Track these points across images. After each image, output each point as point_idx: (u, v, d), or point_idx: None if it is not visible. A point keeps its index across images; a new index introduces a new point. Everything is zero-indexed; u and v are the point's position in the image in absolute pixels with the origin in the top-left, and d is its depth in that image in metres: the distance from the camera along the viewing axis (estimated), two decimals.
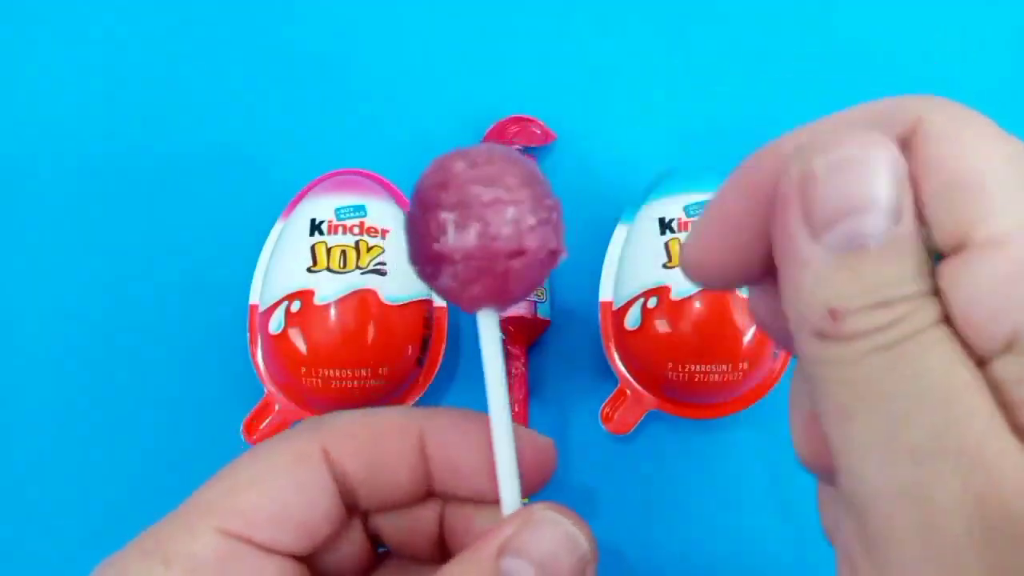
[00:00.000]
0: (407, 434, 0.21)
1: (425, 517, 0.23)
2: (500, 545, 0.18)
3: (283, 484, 0.20)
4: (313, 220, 0.36)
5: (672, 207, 0.36)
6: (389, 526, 0.23)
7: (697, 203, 0.36)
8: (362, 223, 0.36)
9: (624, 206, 0.38)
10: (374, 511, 0.22)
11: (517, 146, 0.40)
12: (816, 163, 0.14)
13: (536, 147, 0.41)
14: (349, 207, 0.36)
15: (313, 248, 0.35)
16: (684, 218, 0.36)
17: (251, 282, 0.36)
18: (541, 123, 0.40)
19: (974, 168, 0.14)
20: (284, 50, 0.43)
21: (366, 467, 0.21)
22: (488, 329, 0.20)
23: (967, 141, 0.15)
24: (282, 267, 0.35)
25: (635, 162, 0.42)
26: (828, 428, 0.14)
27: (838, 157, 0.14)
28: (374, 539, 0.23)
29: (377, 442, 0.21)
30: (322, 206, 0.36)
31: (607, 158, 0.42)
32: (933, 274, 0.14)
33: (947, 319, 0.14)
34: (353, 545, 0.22)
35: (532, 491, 0.22)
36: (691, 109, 0.42)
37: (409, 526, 0.23)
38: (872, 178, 0.14)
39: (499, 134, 0.40)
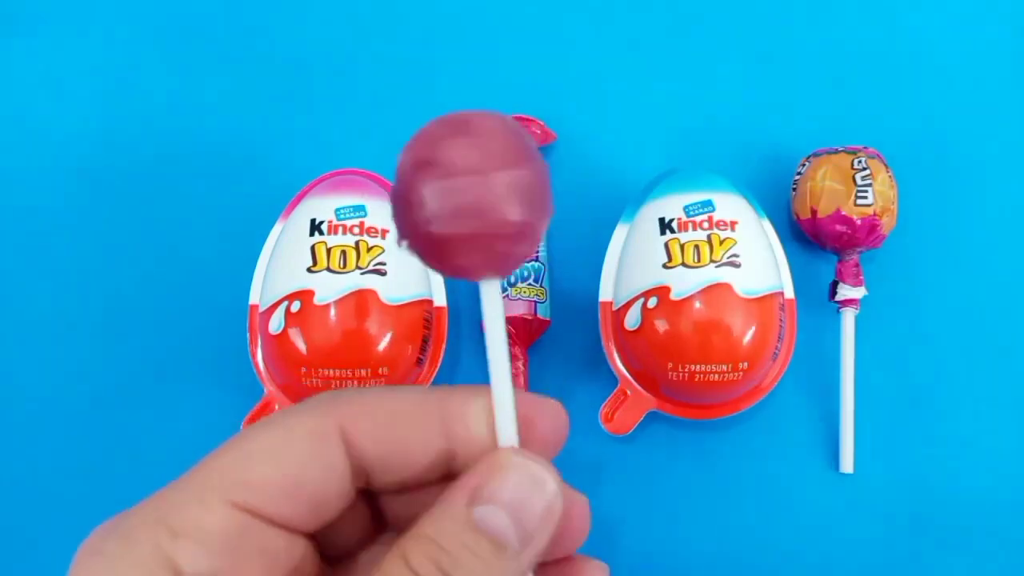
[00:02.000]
0: (427, 416, 0.20)
1: (436, 493, 0.21)
2: (470, 494, 0.19)
3: (298, 458, 0.19)
4: (313, 220, 0.36)
5: (672, 207, 0.36)
6: (397, 504, 0.22)
7: (697, 203, 0.36)
8: (362, 223, 0.36)
9: (624, 206, 0.38)
10: (386, 492, 0.22)
11: None
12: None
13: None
14: (349, 207, 0.36)
15: (313, 248, 0.35)
16: (684, 218, 0.36)
17: (251, 282, 0.36)
18: (541, 123, 0.40)
19: None
20: (284, 50, 0.43)
21: (384, 448, 0.20)
22: (488, 295, 0.20)
23: None
24: (282, 267, 0.35)
25: (635, 162, 0.42)
26: None
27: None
28: (377, 516, 0.23)
29: (396, 424, 0.20)
30: (322, 206, 0.36)
31: (607, 158, 0.42)
32: None
33: None
34: (356, 523, 0.22)
35: (552, 455, 0.22)
36: (691, 109, 0.42)
37: (419, 504, 0.22)
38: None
39: None
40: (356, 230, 0.35)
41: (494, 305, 0.20)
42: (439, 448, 0.20)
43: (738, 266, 0.35)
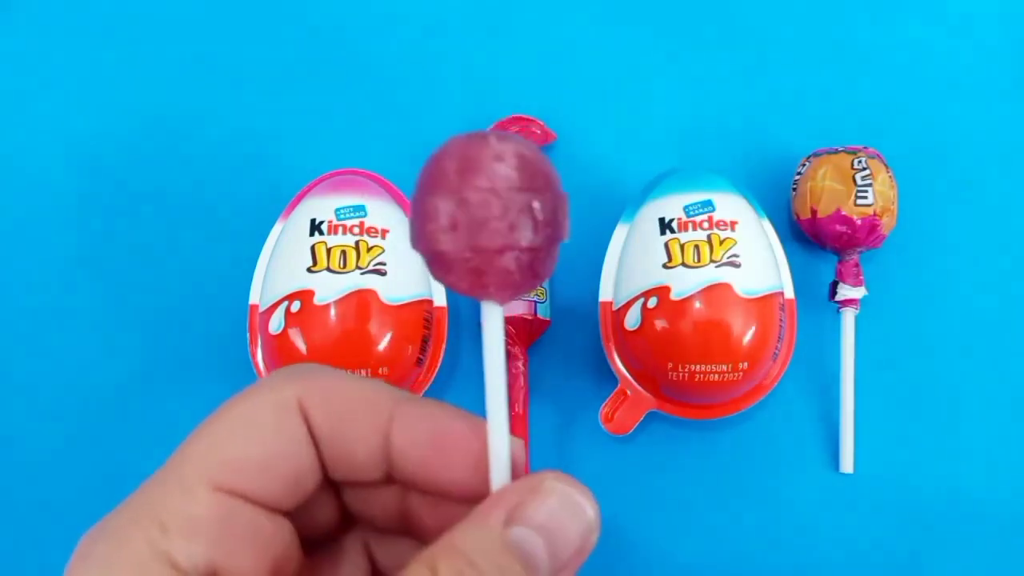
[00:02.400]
0: (376, 409, 0.20)
1: (386, 494, 0.22)
2: (508, 512, 0.18)
3: (267, 433, 0.19)
4: (313, 220, 0.36)
5: (672, 207, 0.36)
6: (356, 499, 0.22)
7: (697, 203, 0.36)
8: (362, 223, 0.36)
9: (624, 206, 0.38)
10: (338, 480, 0.21)
11: None
12: None
13: None
14: (349, 207, 0.36)
15: (313, 248, 0.35)
16: (684, 218, 0.36)
17: (251, 282, 0.36)
18: (541, 123, 0.40)
19: None
20: (284, 50, 0.43)
21: (331, 427, 0.20)
22: (489, 320, 0.19)
23: None
24: (282, 267, 0.35)
25: (635, 162, 0.42)
26: None
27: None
28: (344, 510, 0.23)
29: (345, 406, 0.20)
30: (322, 206, 0.36)
31: (607, 158, 0.42)
32: None
33: None
34: (327, 511, 0.22)
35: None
36: (691, 109, 0.42)
37: (368, 500, 0.22)
38: None
39: None
40: (356, 230, 0.35)
41: (493, 328, 0.19)
42: (380, 445, 0.20)
43: (738, 266, 0.35)
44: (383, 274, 0.35)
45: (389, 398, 0.20)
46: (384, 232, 0.36)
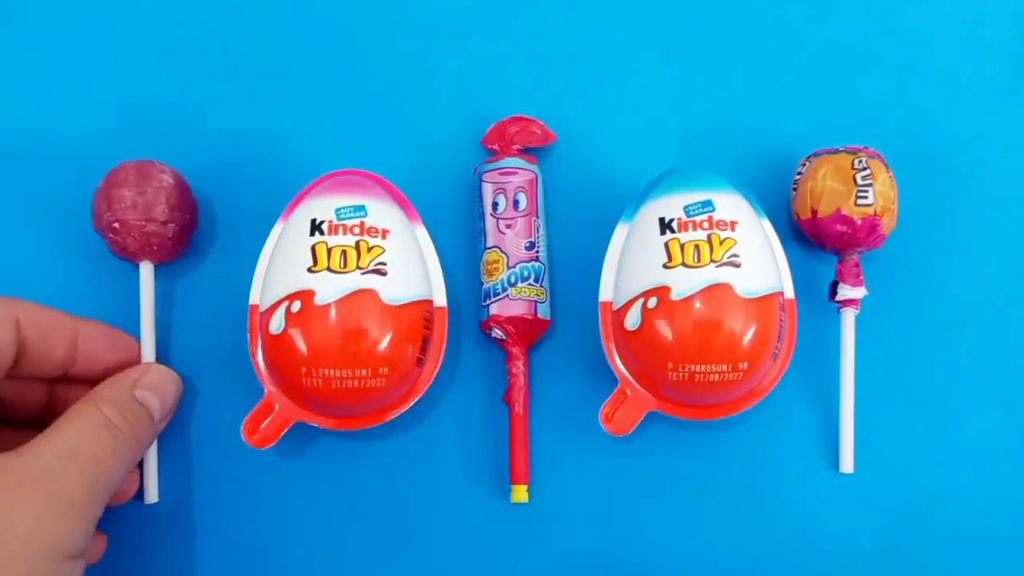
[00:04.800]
0: (67, 328, 0.35)
1: (39, 390, 0.36)
2: (133, 380, 0.35)
3: None
4: (313, 220, 0.36)
5: (672, 207, 0.36)
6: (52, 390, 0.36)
7: (697, 203, 0.36)
8: (362, 223, 0.36)
9: (624, 206, 0.38)
10: (37, 374, 0.34)
11: (517, 146, 0.40)
12: None
13: (536, 147, 0.41)
14: (349, 207, 0.36)
15: (313, 248, 0.35)
16: (684, 218, 0.36)
17: (251, 282, 0.36)
18: (541, 123, 0.40)
19: None
20: (284, 50, 0.43)
21: (36, 337, 0.33)
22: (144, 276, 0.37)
23: None
24: (282, 267, 0.35)
25: (635, 162, 0.42)
26: None
27: None
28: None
29: (49, 325, 0.34)
30: (322, 206, 0.36)
31: (607, 158, 0.42)
32: None
33: None
34: (34, 399, 0.35)
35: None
36: (691, 109, 0.42)
37: (16, 395, 0.35)
38: None
39: (499, 134, 0.40)
40: (356, 230, 0.35)
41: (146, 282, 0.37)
42: (66, 355, 0.35)
43: (738, 266, 0.35)
44: (383, 274, 0.35)
45: (74, 321, 0.35)
46: (384, 232, 0.36)
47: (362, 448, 0.39)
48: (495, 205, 0.39)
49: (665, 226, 0.36)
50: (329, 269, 0.34)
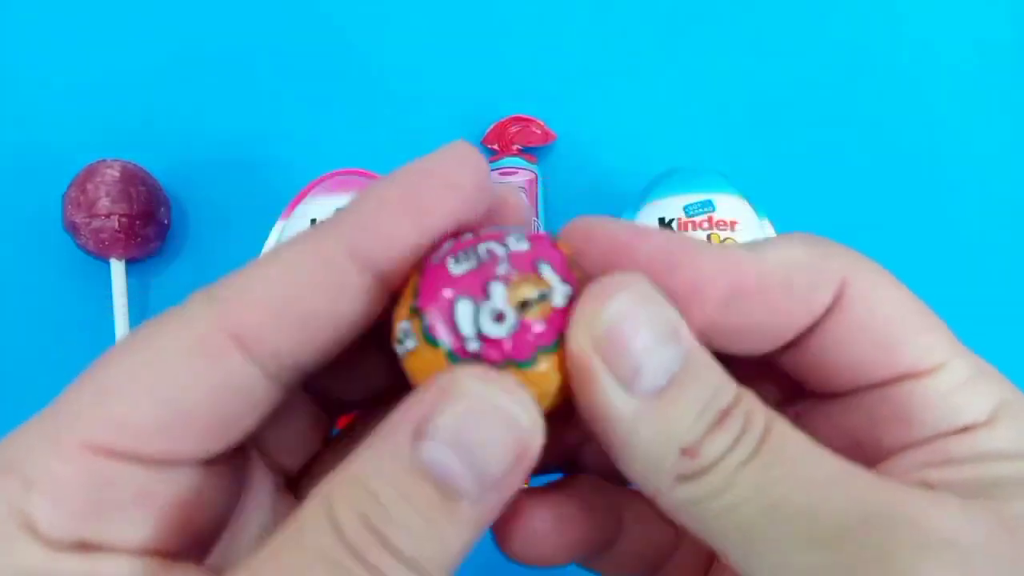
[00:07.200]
0: (329, 278, 0.15)
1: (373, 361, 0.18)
2: (415, 427, 0.14)
3: (176, 381, 0.15)
4: (313, 220, 0.36)
5: (672, 207, 0.36)
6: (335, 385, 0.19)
7: (697, 203, 0.36)
8: None
9: (624, 206, 0.38)
10: (318, 367, 0.16)
11: (517, 146, 0.40)
12: (601, 322, 0.14)
13: (536, 147, 0.41)
14: None
15: None
16: (684, 218, 0.36)
17: None
18: (541, 123, 0.40)
19: (898, 319, 0.18)
20: (284, 51, 0.43)
21: (290, 335, 0.15)
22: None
23: (890, 300, 0.18)
24: None
25: (635, 162, 0.42)
26: (736, 560, 0.14)
27: (614, 312, 0.14)
28: (331, 410, 0.19)
29: (300, 294, 0.15)
30: (322, 206, 0.36)
31: (607, 158, 0.42)
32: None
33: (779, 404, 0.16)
34: (300, 420, 0.18)
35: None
36: (691, 109, 0.42)
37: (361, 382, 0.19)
38: (645, 318, 0.14)
39: (499, 134, 0.40)
40: None
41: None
42: (373, 291, 0.16)
43: None
44: None
45: (338, 234, 0.15)
46: None
47: None
48: None
49: (665, 226, 0.36)
50: None
